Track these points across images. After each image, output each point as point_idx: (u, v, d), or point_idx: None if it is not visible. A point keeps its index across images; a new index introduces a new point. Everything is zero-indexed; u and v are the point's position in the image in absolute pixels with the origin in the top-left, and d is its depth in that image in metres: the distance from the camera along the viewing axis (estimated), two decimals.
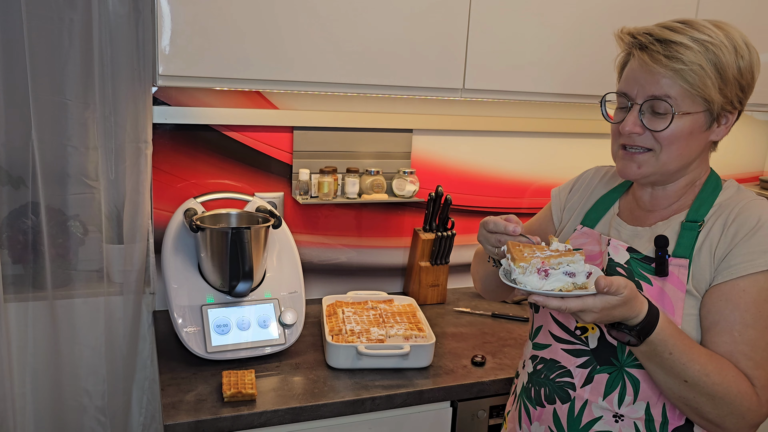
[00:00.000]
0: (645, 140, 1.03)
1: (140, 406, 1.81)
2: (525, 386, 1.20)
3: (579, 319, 0.93)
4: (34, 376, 1.67)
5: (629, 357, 1.03)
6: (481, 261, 1.28)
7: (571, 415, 1.09)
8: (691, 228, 1.04)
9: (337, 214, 1.98)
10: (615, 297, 0.89)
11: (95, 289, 1.68)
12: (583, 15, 1.71)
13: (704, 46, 0.97)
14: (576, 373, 1.09)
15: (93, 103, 1.57)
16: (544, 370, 1.15)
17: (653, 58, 0.99)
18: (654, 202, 1.12)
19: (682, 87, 0.98)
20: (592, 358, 1.08)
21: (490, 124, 2.07)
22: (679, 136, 1.01)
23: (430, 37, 1.58)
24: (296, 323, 1.61)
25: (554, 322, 1.14)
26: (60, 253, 1.63)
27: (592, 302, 0.89)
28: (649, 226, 1.10)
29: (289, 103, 1.85)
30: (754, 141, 2.55)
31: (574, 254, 0.92)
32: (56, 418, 1.70)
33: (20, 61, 1.49)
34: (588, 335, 1.08)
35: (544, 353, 1.16)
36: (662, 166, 1.04)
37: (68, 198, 1.62)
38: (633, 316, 0.92)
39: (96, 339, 1.69)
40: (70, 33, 1.51)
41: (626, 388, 1.04)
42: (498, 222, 1.03)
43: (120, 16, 1.54)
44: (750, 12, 1.91)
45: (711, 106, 1.00)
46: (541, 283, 0.91)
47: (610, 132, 1.15)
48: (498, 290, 1.33)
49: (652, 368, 0.97)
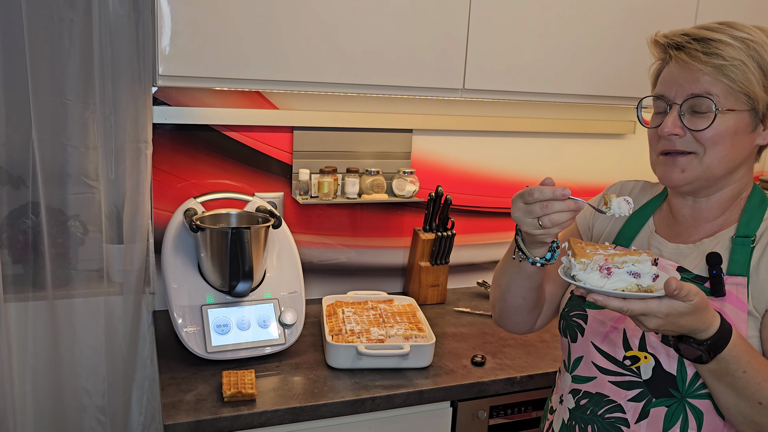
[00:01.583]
0: (686, 143, 0.96)
1: (140, 406, 1.81)
2: (566, 424, 1.09)
3: (641, 325, 0.86)
4: (34, 375, 1.67)
5: (691, 387, 0.95)
6: (505, 273, 1.11)
7: None
8: (743, 244, 0.96)
9: (337, 214, 1.99)
10: (683, 304, 0.82)
11: (95, 289, 1.68)
12: (583, 15, 1.71)
13: (745, 43, 0.93)
14: (628, 407, 1.00)
15: (93, 103, 1.57)
16: (590, 405, 1.05)
17: (692, 56, 0.94)
18: (696, 215, 1.04)
19: (724, 83, 0.93)
20: (646, 390, 0.99)
21: (490, 124, 2.07)
22: (724, 135, 0.94)
23: (430, 37, 1.58)
24: (296, 323, 1.61)
25: (598, 353, 1.04)
26: (60, 253, 1.63)
27: (656, 306, 0.82)
28: (693, 243, 1.02)
29: (289, 103, 1.85)
30: None
31: (640, 254, 0.85)
32: (56, 418, 1.70)
33: (20, 62, 1.49)
34: (640, 365, 0.99)
35: (588, 387, 1.06)
36: (707, 169, 0.97)
37: (68, 198, 1.62)
38: (702, 329, 0.85)
39: (96, 339, 1.69)
40: (71, 33, 1.51)
41: (688, 422, 0.96)
42: (543, 189, 0.90)
43: (120, 16, 1.54)
44: (749, 14, 1.91)
45: (756, 104, 0.94)
46: (602, 281, 0.85)
47: (611, 132, 1.11)
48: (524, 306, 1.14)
49: (722, 389, 0.90)
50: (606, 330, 1.03)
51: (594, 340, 1.04)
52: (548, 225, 0.90)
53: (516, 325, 1.19)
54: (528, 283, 1.08)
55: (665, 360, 0.96)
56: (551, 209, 0.89)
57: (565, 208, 0.89)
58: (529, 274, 1.05)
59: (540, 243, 0.98)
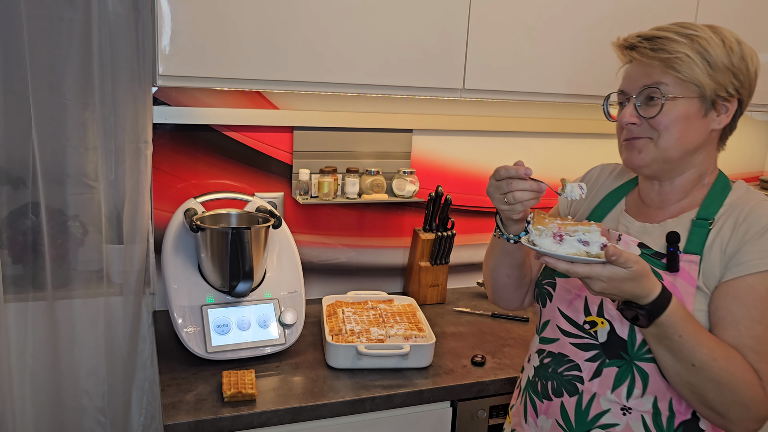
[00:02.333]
0: (643, 130, 1.06)
1: (140, 407, 1.81)
2: (531, 380, 1.21)
3: (588, 288, 0.95)
4: (34, 376, 1.67)
5: (640, 350, 1.04)
6: (491, 252, 1.25)
7: (579, 407, 1.10)
8: (701, 225, 1.05)
9: (337, 214, 1.99)
10: (624, 270, 0.91)
11: (95, 289, 1.68)
12: (583, 15, 1.71)
13: (689, 38, 1.02)
14: (584, 366, 1.10)
15: (93, 103, 1.57)
16: (552, 364, 1.16)
17: (641, 53, 1.05)
18: (662, 198, 1.13)
19: (672, 74, 1.02)
20: (601, 352, 1.09)
21: (490, 124, 2.07)
22: (676, 120, 1.03)
23: (430, 37, 1.58)
24: (296, 323, 1.61)
25: (562, 317, 1.15)
26: (60, 254, 1.63)
27: (599, 270, 0.91)
28: (658, 222, 1.11)
29: (289, 103, 1.85)
30: (754, 141, 2.56)
31: (590, 225, 0.94)
32: (56, 419, 1.69)
33: (20, 61, 1.49)
34: (597, 329, 1.09)
35: (551, 347, 1.17)
36: (662, 152, 1.05)
37: (68, 198, 1.62)
38: (643, 295, 0.93)
39: (96, 339, 1.69)
40: (70, 33, 1.51)
41: (635, 382, 1.06)
42: (509, 167, 1.03)
43: (120, 16, 1.54)
44: (749, 15, 1.91)
45: (703, 90, 1.02)
46: (555, 246, 0.94)
47: (609, 132, 1.17)
48: (509, 283, 1.25)
49: (661, 352, 0.99)
50: (571, 297, 1.13)
51: (560, 306, 1.15)
52: (512, 201, 1.02)
53: (506, 301, 1.30)
54: (509, 261, 1.20)
55: (618, 326, 1.06)
56: (515, 187, 1.01)
57: (528, 188, 1.01)
58: (508, 251, 1.18)
59: (513, 221, 1.09)
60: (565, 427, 1.12)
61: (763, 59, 1.98)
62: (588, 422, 1.09)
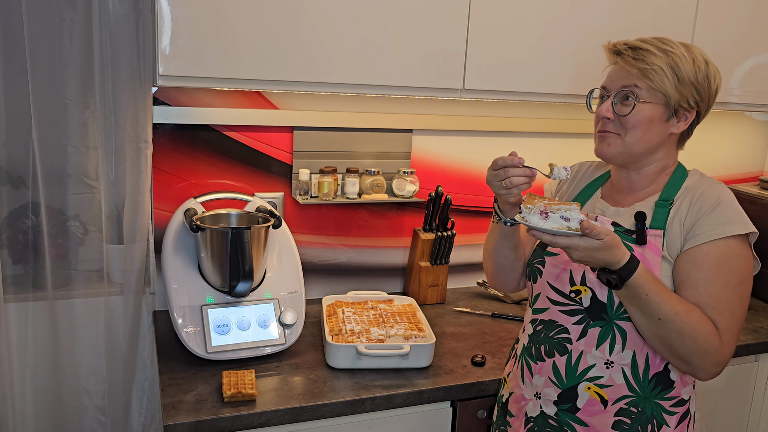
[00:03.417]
0: (614, 127, 1.24)
1: (140, 406, 1.81)
2: (526, 347, 1.36)
3: (569, 256, 1.12)
4: (34, 376, 1.67)
5: (617, 312, 1.21)
6: (490, 237, 1.39)
7: (568, 365, 1.27)
8: (663, 206, 1.24)
9: (337, 214, 1.99)
10: (596, 241, 1.07)
11: (95, 289, 1.68)
12: (582, 16, 1.71)
13: (666, 53, 1.19)
14: (572, 329, 1.27)
15: (93, 103, 1.57)
16: (544, 330, 1.32)
17: (625, 60, 1.21)
18: (630, 185, 1.30)
19: (645, 82, 1.19)
20: (585, 315, 1.25)
21: (490, 124, 2.07)
22: (641, 121, 1.21)
23: (430, 37, 1.58)
24: (296, 323, 1.61)
25: (551, 289, 1.30)
26: (60, 253, 1.63)
27: (577, 241, 1.08)
28: (628, 206, 1.29)
29: (289, 103, 1.85)
30: (754, 141, 2.56)
31: (571, 204, 1.11)
32: (56, 419, 1.70)
33: (20, 61, 1.49)
34: (582, 297, 1.25)
35: (543, 316, 1.33)
36: (627, 146, 1.23)
37: (68, 198, 1.62)
38: (615, 262, 1.10)
39: (96, 339, 1.69)
40: (71, 33, 1.51)
41: (615, 339, 1.23)
42: (505, 158, 1.20)
43: (120, 16, 1.54)
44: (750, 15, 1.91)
45: (668, 100, 1.20)
46: (541, 222, 1.11)
47: None
48: (507, 264, 1.40)
49: (633, 310, 1.16)
50: (557, 271, 1.29)
51: (549, 280, 1.31)
52: (509, 186, 1.19)
53: (504, 282, 1.46)
54: (507, 243, 1.36)
55: (599, 291, 1.22)
56: (511, 173, 1.19)
57: (521, 173, 1.19)
58: (506, 234, 1.34)
59: (509, 206, 1.27)
60: (557, 382, 1.28)
61: (763, 59, 1.99)
62: (577, 376, 1.26)
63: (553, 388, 1.28)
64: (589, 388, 1.24)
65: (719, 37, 1.88)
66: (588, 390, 1.25)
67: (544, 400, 1.30)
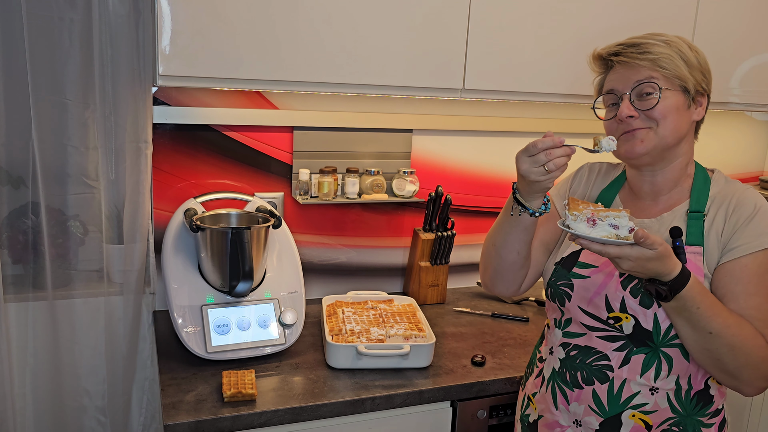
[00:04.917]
0: (641, 122, 1.16)
1: (140, 406, 1.81)
2: (557, 371, 1.30)
3: (617, 266, 1.06)
4: (34, 376, 1.67)
5: (664, 338, 1.16)
6: (501, 230, 1.27)
7: (611, 393, 1.21)
8: (696, 218, 1.18)
9: (337, 214, 1.99)
10: (650, 251, 1.02)
11: (95, 289, 1.68)
12: (583, 16, 1.71)
13: (666, 43, 1.16)
14: (613, 356, 1.21)
15: (93, 103, 1.57)
16: (579, 356, 1.26)
17: (629, 57, 1.16)
18: (655, 189, 1.24)
19: (660, 72, 1.14)
20: (628, 342, 1.20)
21: (490, 124, 2.07)
22: (671, 109, 1.15)
23: (430, 37, 1.58)
24: (296, 323, 1.61)
25: (584, 314, 1.24)
26: (60, 253, 1.63)
27: (629, 251, 1.02)
28: (654, 217, 1.22)
29: (289, 103, 1.85)
30: (754, 141, 2.56)
31: (620, 211, 1.05)
32: (56, 419, 1.70)
33: (20, 61, 1.49)
34: (623, 324, 1.19)
35: (578, 341, 1.27)
36: (662, 139, 1.16)
37: (68, 198, 1.62)
38: (666, 273, 1.05)
39: (96, 339, 1.69)
40: (70, 33, 1.51)
41: (662, 365, 1.18)
42: (544, 140, 1.09)
43: (120, 16, 1.54)
44: (750, 14, 1.91)
45: (686, 84, 1.16)
46: (588, 230, 1.05)
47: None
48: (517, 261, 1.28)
49: (681, 323, 1.11)
50: (590, 296, 1.22)
51: (580, 305, 1.24)
52: (552, 168, 1.09)
53: (506, 283, 1.34)
54: (523, 236, 1.25)
55: (643, 319, 1.16)
56: (554, 155, 1.09)
57: (563, 153, 1.09)
58: (525, 226, 1.23)
59: (536, 194, 1.16)
60: (598, 411, 1.22)
61: (763, 59, 1.99)
62: (620, 405, 1.20)
63: (594, 416, 1.23)
64: (634, 415, 1.20)
65: (719, 37, 1.88)
66: (632, 417, 1.20)
67: (585, 428, 1.24)
